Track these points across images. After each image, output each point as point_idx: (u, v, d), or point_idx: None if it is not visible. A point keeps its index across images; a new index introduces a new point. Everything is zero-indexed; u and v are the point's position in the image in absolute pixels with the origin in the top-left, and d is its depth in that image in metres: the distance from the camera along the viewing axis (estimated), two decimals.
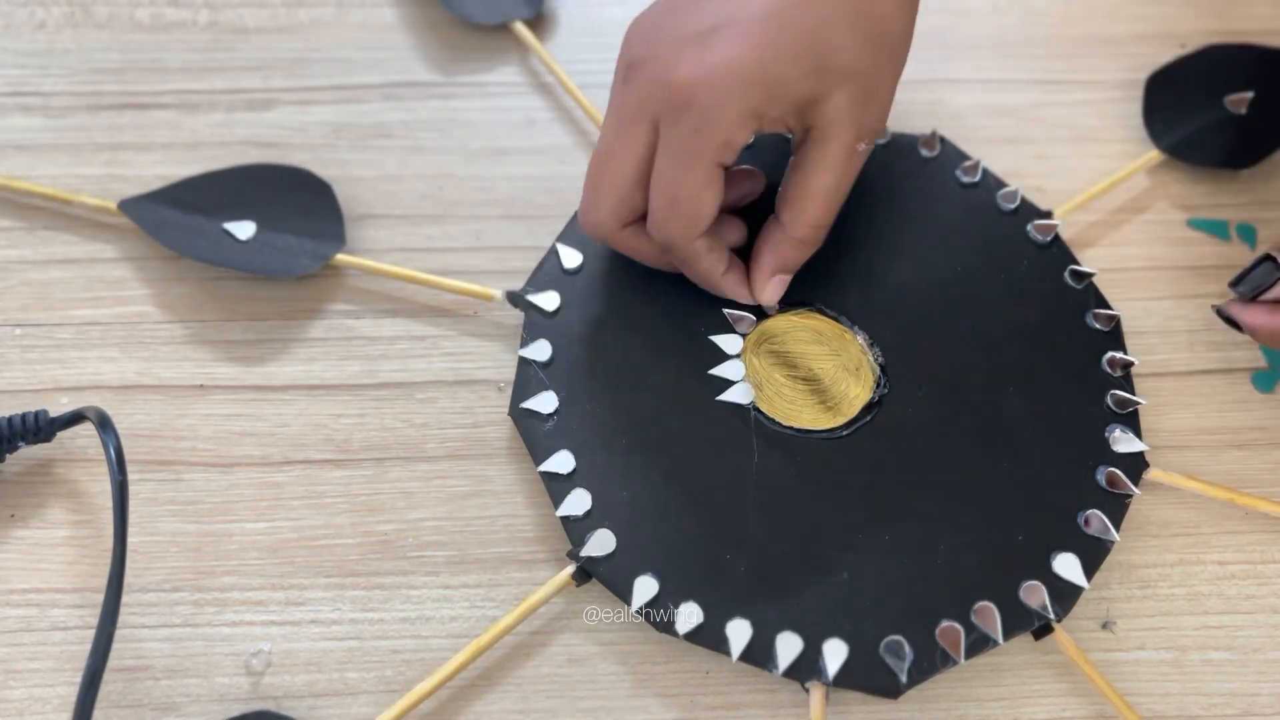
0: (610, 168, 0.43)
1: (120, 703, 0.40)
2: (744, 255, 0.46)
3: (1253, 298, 0.43)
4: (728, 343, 0.45)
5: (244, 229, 0.48)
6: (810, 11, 0.41)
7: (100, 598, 0.41)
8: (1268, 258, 0.43)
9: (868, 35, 0.42)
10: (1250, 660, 0.42)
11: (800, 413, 0.44)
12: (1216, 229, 0.51)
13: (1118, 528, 0.42)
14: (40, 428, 0.42)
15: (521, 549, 0.43)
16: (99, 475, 0.44)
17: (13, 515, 0.43)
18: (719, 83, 0.40)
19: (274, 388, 0.46)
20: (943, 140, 0.50)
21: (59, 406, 0.45)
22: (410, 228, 0.50)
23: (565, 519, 0.42)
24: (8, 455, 0.43)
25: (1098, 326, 0.46)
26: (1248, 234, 0.51)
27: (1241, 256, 0.50)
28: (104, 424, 0.41)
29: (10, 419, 0.42)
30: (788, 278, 0.45)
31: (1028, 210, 0.49)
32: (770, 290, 0.45)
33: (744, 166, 0.47)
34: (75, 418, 0.42)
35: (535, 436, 0.43)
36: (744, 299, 0.45)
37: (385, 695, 0.40)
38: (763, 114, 0.41)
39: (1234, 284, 0.44)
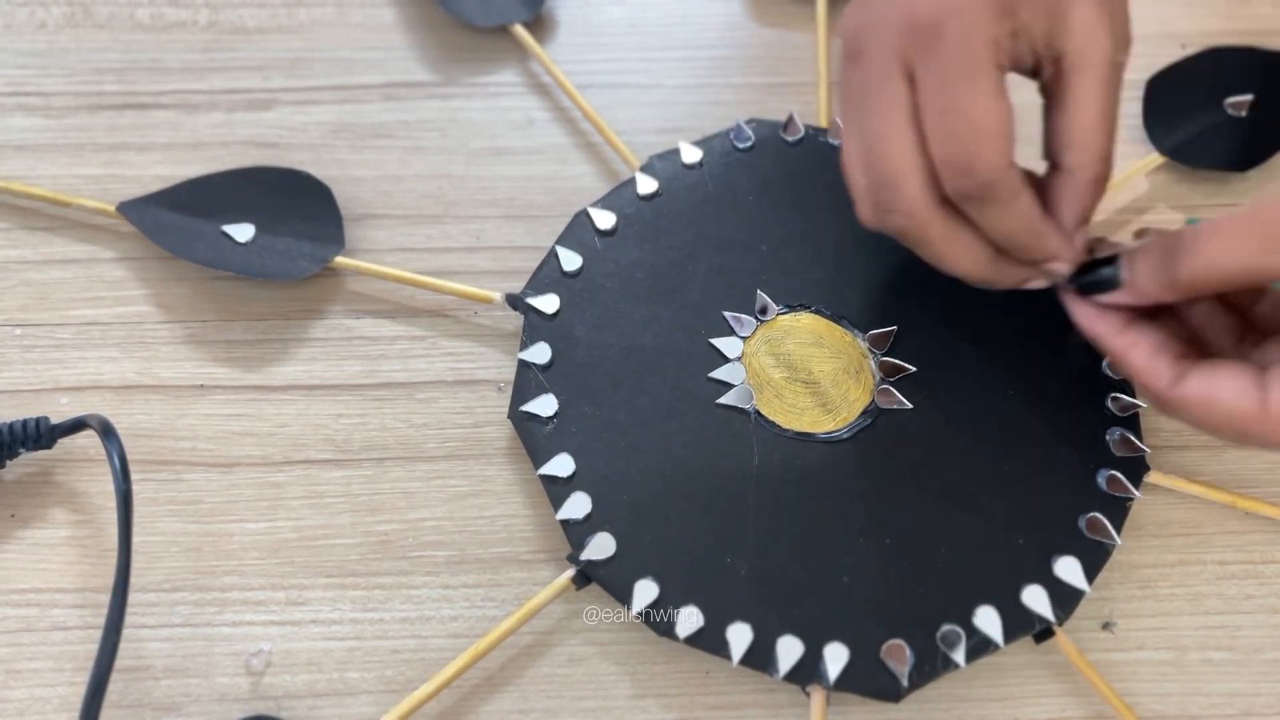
0: (888, 136, 0.38)
1: (120, 703, 0.40)
2: None
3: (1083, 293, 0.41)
4: (727, 345, 0.45)
5: (243, 231, 0.48)
6: None
7: (101, 597, 0.41)
8: (1115, 258, 0.40)
9: None
10: (1250, 660, 0.42)
11: (800, 415, 0.44)
12: None
13: (1119, 531, 0.42)
14: (41, 435, 0.42)
15: (522, 549, 0.43)
16: (99, 476, 0.44)
17: (13, 515, 0.43)
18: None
19: (274, 388, 0.46)
20: None
21: (59, 406, 0.45)
22: (410, 227, 0.50)
23: (565, 522, 0.42)
24: (8, 461, 0.43)
25: None
26: None
27: None
28: (108, 432, 0.40)
29: (11, 425, 0.42)
30: (1086, 230, 0.41)
31: None
32: (1079, 245, 0.40)
33: None
34: (77, 425, 0.42)
35: (535, 440, 0.43)
36: (1060, 255, 0.40)
37: (385, 695, 0.40)
38: (1015, 10, 0.38)
39: (1074, 277, 0.41)
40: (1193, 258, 0.37)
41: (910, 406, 0.44)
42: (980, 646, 0.40)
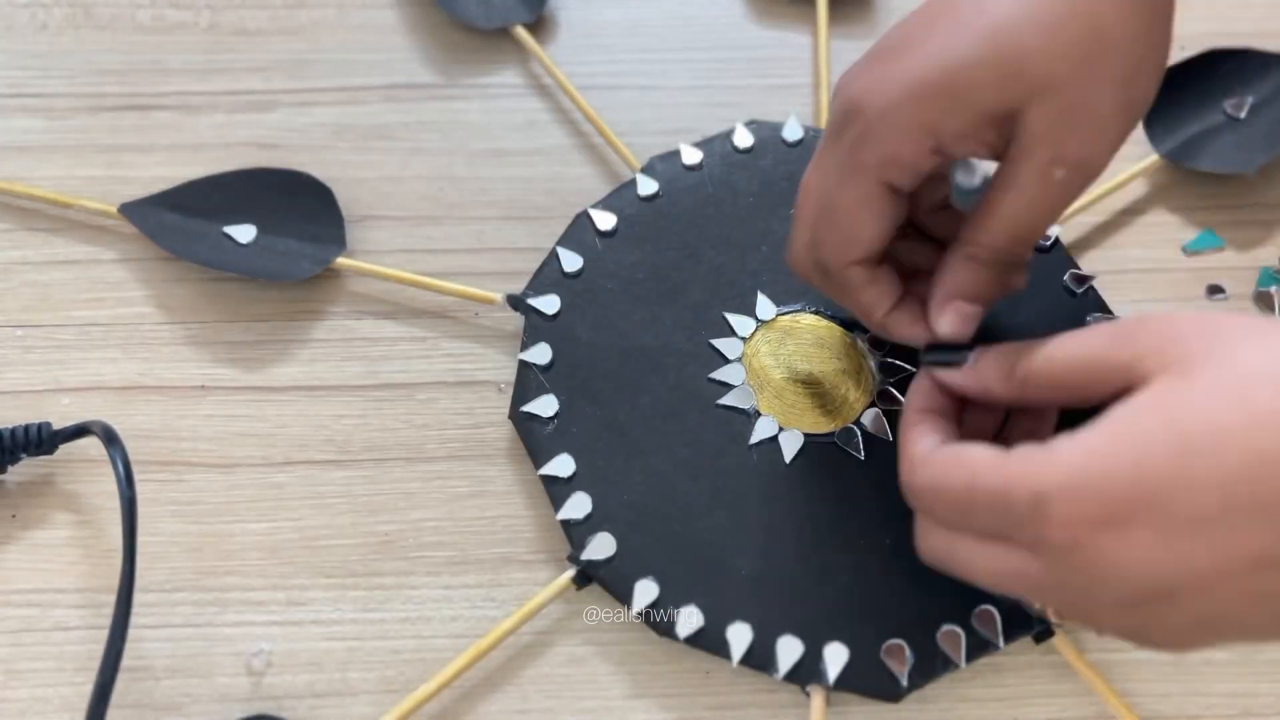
0: (806, 190, 0.40)
1: (121, 703, 0.40)
2: None
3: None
4: (728, 346, 0.45)
5: (244, 233, 0.48)
6: (1000, 8, 0.36)
7: (102, 598, 0.41)
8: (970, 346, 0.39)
9: (1072, 40, 0.36)
10: (1250, 660, 0.42)
11: (800, 416, 0.44)
12: (1211, 242, 0.51)
13: None
14: (43, 440, 0.42)
15: (522, 549, 0.43)
16: (100, 477, 0.44)
17: (14, 516, 0.43)
18: (889, 91, 0.36)
19: (275, 388, 0.46)
20: None
21: (60, 407, 0.45)
22: (411, 229, 0.50)
23: (565, 522, 0.42)
24: (9, 466, 0.43)
25: None
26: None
27: (1240, 258, 0.50)
28: (111, 439, 0.40)
29: (13, 430, 0.42)
30: (970, 308, 0.39)
31: None
32: (946, 320, 0.39)
33: None
34: (79, 431, 0.42)
35: (535, 440, 0.43)
36: (914, 339, 0.40)
37: (386, 695, 0.40)
38: (939, 128, 0.36)
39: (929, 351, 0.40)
40: (1030, 361, 0.36)
41: None
42: (980, 646, 0.40)
